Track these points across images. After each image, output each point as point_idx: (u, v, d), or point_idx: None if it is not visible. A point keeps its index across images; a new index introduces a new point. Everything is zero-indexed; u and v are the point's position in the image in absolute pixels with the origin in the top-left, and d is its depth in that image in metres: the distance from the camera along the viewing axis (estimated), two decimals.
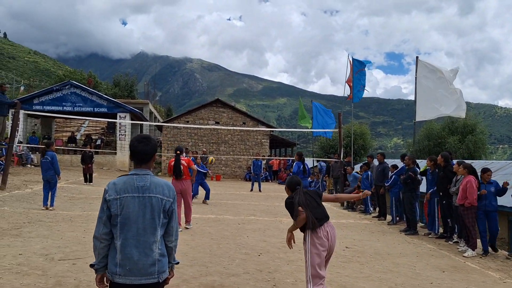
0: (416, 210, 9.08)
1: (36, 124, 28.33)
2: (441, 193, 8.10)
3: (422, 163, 12.69)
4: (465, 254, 6.89)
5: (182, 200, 7.66)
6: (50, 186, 9.02)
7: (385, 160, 11.20)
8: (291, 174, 9.09)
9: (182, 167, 7.55)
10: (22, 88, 44.47)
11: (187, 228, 7.58)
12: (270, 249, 6.40)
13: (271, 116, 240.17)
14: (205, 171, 12.38)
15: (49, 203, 8.95)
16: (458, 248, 7.32)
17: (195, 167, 8.04)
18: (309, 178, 14.94)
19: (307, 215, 3.65)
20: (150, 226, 2.41)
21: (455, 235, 7.92)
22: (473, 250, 6.93)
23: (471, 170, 7.12)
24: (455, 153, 29.17)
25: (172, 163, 7.66)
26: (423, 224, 9.95)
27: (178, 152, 7.75)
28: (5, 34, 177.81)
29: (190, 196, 7.85)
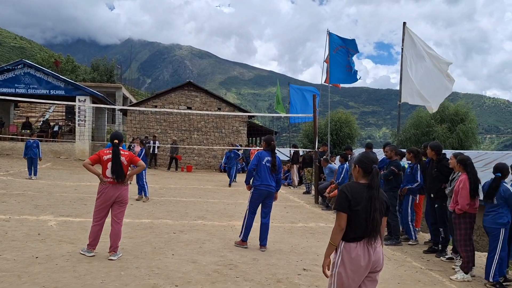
0: (399, 214, 7.36)
1: None
2: (432, 195, 6.34)
3: None
4: (453, 277, 5.20)
5: (111, 213, 5.11)
6: None
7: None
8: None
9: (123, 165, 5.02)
10: None
11: (111, 260, 4.89)
12: (195, 276, 4.55)
13: (262, 106, 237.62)
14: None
15: None
16: (453, 268, 5.61)
17: (142, 162, 5.36)
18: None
19: None
20: None
21: (449, 249, 6.23)
22: (467, 273, 5.20)
23: (467, 165, 5.30)
24: (443, 142, 27.63)
25: (106, 157, 5.02)
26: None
27: (116, 141, 5.09)
28: None
29: (125, 208, 5.22)
